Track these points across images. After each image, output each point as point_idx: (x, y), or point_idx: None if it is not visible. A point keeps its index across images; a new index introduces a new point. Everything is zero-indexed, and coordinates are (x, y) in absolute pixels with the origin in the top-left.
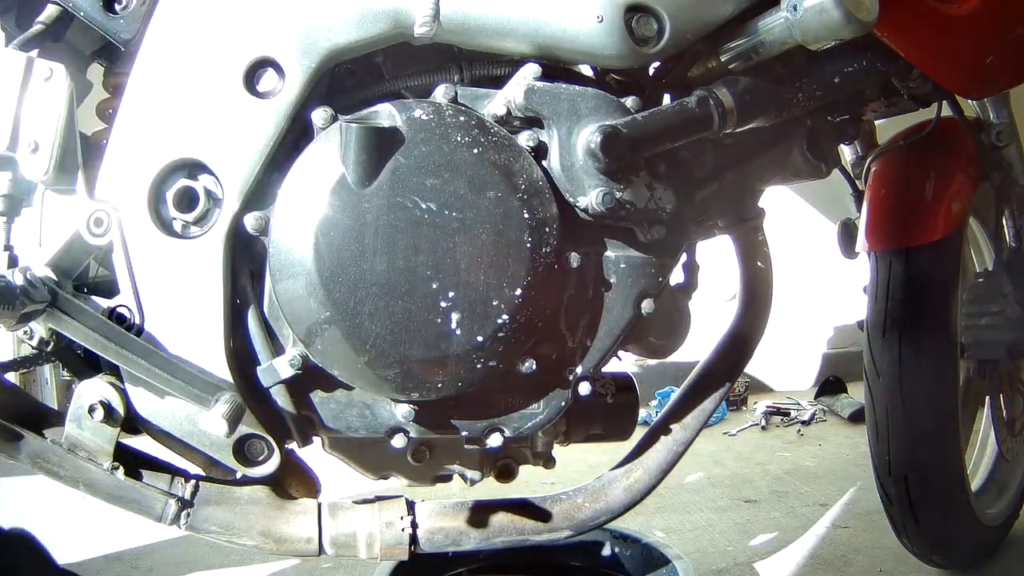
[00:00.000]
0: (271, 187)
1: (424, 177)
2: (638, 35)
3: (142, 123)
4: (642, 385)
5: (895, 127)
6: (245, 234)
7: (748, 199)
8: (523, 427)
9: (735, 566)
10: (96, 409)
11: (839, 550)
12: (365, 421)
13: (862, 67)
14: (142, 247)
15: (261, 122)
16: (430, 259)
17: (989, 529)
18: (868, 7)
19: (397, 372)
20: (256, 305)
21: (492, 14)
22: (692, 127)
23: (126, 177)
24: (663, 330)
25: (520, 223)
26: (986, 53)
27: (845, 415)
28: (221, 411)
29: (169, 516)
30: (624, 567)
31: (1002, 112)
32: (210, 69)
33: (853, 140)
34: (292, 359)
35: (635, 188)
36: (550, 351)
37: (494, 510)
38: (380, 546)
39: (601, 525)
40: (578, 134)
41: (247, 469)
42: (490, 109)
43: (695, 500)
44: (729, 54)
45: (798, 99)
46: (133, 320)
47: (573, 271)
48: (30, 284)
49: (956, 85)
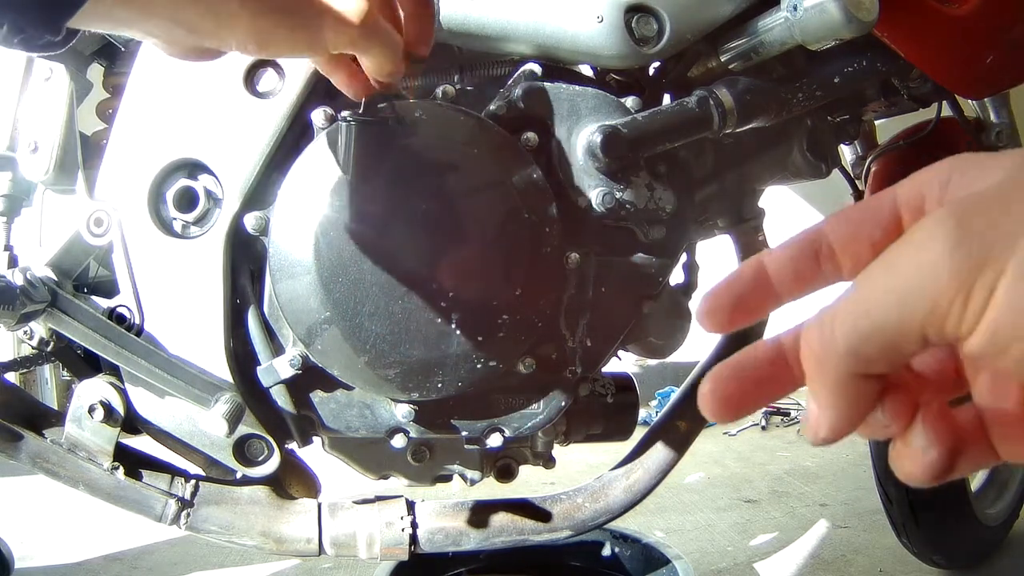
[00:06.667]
0: (271, 187)
1: (424, 177)
2: (638, 35)
3: (142, 123)
4: (642, 385)
5: (895, 127)
6: (245, 234)
7: (748, 199)
8: (523, 427)
9: (735, 566)
10: (96, 409)
11: (839, 550)
12: (365, 421)
13: (862, 67)
14: (142, 247)
15: (261, 122)
16: (430, 259)
17: (989, 529)
18: (868, 7)
19: (397, 372)
20: (256, 305)
21: (492, 14)
22: (692, 127)
23: (126, 177)
24: (663, 330)
25: (520, 223)
26: (986, 53)
27: None
28: (221, 411)
29: (169, 516)
30: (624, 567)
31: (1002, 112)
32: (210, 69)
33: (853, 140)
34: (292, 359)
35: (635, 188)
36: (550, 351)
37: (494, 510)
38: (380, 546)
39: (601, 525)
40: (578, 134)
41: (247, 469)
42: (490, 109)
43: (695, 500)
44: (729, 54)
45: (798, 99)
46: (133, 320)
47: (573, 271)
48: (30, 284)
49: (956, 85)
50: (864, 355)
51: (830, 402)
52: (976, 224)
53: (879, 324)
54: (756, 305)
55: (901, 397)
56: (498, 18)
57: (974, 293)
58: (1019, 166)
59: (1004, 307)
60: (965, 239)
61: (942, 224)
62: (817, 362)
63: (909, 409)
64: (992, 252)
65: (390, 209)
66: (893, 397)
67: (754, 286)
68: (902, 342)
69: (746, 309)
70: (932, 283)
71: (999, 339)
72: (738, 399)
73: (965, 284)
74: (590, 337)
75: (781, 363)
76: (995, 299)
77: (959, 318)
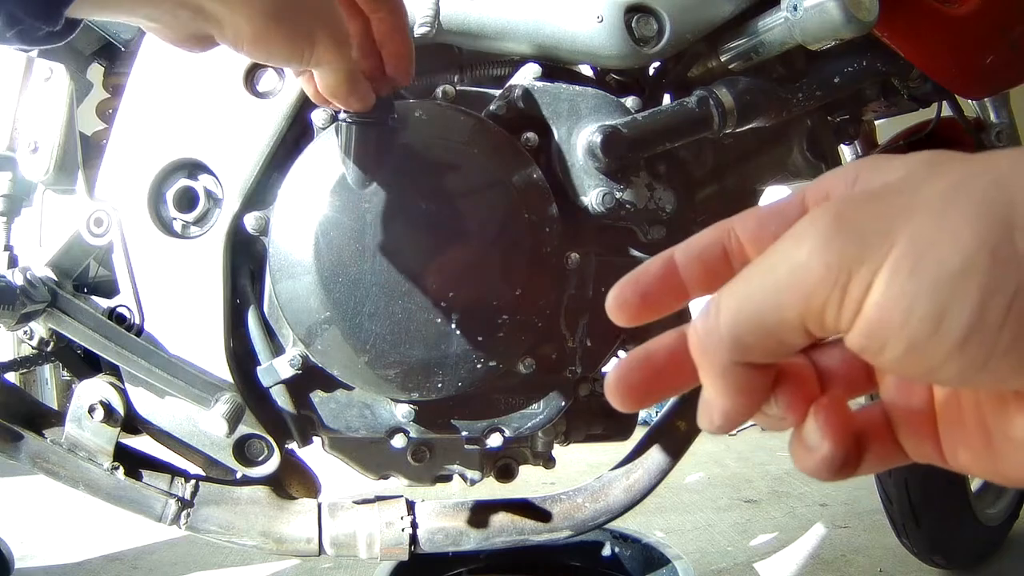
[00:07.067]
0: (271, 187)
1: (424, 177)
2: (638, 35)
3: (142, 123)
4: None
5: (895, 127)
6: (245, 234)
7: (748, 199)
8: (523, 427)
9: (735, 566)
10: (96, 409)
11: (839, 550)
12: (365, 421)
13: (862, 67)
14: (142, 247)
15: (261, 122)
16: (430, 259)
17: (989, 529)
18: (868, 7)
19: (397, 372)
20: (256, 305)
21: (492, 14)
22: (692, 127)
23: (126, 177)
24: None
25: (520, 223)
26: (986, 53)
27: None
28: (221, 411)
29: (169, 516)
30: (624, 567)
31: (1002, 112)
32: (210, 69)
33: (853, 140)
34: (292, 359)
35: (635, 188)
36: (550, 351)
37: (494, 510)
38: (380, 546)
39: (601, 525)
40: (578, 134)
41: (247, 469)
42: (490, 109)
43: (695, 500)
44: (729, 54)
45: (798, 99)
46: (133, 320)
47: (573, 271)
48: (30, 284)
49: (956, 85)
50: (745, 343)
51: (718, 390)
52: (854, 219)
53: (758, 314)
54: (663, 299)
55: (796, 390)
56: (498, 18)
57: (850, 288)
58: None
59: (879, 304)
60: (840, 233)
61: (820, 219)
62: (702, 349)
63: (804, 402)
64: (868, 247)
65: (390, 209)
66: (787, 389)
67: (662, 280)
68: (782, 332)
69: (653, 303)
70: (805, 275)
71: (876, 336)
72: (642, 388)
73: (840, 279)
74: (590, 337)
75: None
76: (870, 296)
77: (836, 314)
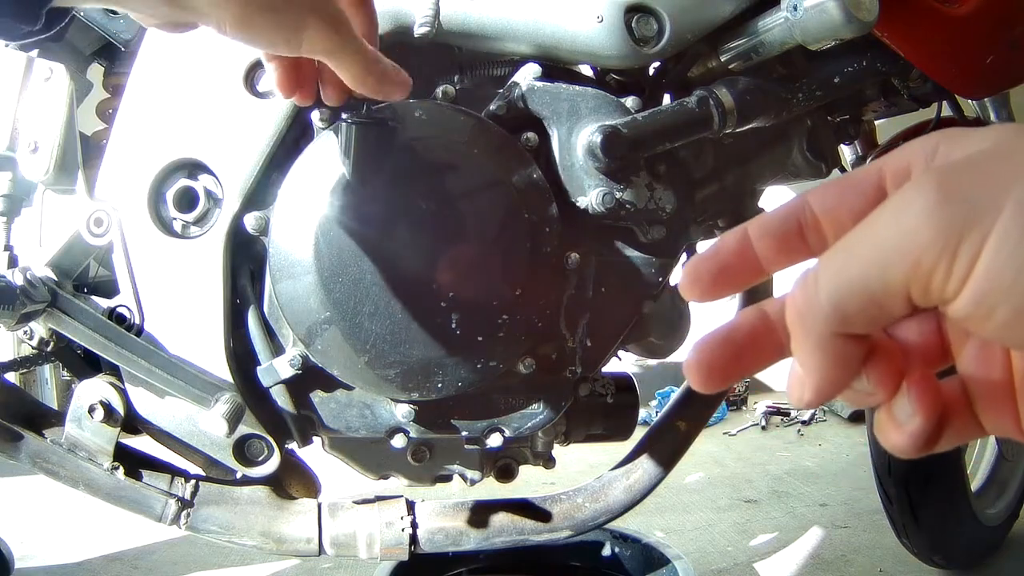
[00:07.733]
0: (271, 187)
1: (424, 177)
2: (638, 35)
3: (142, 123)
4: (642, 385)
5: (895, 127)
6: (245, 234)
7: (748, 199)
8: (523, 427)
9: (735, 566)
10: (96, 409)
11: (839, 550)
12: (365, 421)
13: (862, 67)
14: (142, 247)
15: (261, 122)
16: (430, 259)
17: (989, 529)
18: (868, 7)
19: (397, 372)
20: (256, 305)
21: (492, 14)
22: (692, 127)
23: (126, 177)
24: (663, 330)
25: (520, 223)
26: (986, 53)
27: (845, 415)
28: (221, 411)
29: (169, 516)
30: (624, 567)
31: (1002, 112)
32: (210, 69)
33: (853, 140)
34: (292, 359)
35: (635, 188)
36: (550, 351)
37: (494, 510)
38: (380, 546)
39: (601, 525)
40: (578, 134)
41: (247, 469)
42: (490, 109)
43: (695, 500)
44: (729, 54)
45: (798, 99)
46: (133, 320)
47: (573, 271)
48: (30, 284)
49: (956, 85)
50: (846, 312)
51: (813, 363)
52: (960, 186)
53: (862, 279)
54: (739, 275)
55: (886, 365)
56: (498, 18)
57: (959, 255)
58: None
59: (990, 269)
60: (948, 199)
61: (925, 185)
62: (801, 320)
63: (894, 378)
64: (976, 213)
65: (390, 209)
66: (878, 364)
67: (737, 256)
68: (886, 300)
69: (728, 279)
70: (914, 241)
71: (985, 302)
72: (722, 367)
73: (949, 244)
74: (590, 337)
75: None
76: (981, 261)
77: (944, 280)
